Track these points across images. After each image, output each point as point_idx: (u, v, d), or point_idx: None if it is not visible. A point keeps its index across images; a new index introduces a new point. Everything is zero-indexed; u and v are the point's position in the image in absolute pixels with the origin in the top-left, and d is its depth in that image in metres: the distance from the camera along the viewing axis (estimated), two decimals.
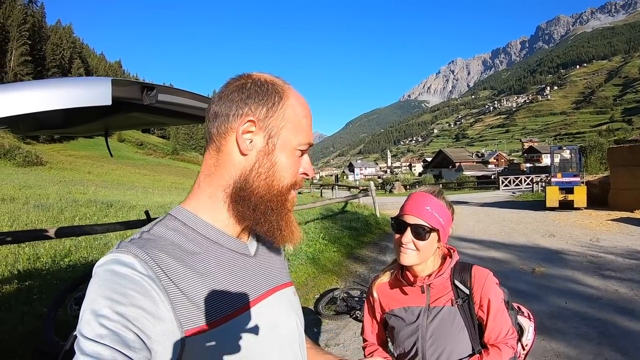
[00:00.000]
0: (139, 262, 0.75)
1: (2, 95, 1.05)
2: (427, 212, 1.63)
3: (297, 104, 0.95)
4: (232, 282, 0.88)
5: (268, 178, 0.91)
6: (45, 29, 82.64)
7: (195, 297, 0.80)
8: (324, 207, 15.29)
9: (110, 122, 1.93)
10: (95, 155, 55.65)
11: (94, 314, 0.69)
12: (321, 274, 7.94)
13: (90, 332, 0.67)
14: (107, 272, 0.73)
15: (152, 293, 0.74)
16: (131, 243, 0.79)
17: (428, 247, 1.65)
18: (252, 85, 0.91)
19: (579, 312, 5.45)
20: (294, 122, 0.93)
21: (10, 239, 4.45)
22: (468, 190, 45.08)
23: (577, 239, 10.73)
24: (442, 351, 1.65)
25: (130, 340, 0.68)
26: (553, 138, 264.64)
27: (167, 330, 0.74)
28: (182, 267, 0.81)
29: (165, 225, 0.88)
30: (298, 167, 0.96)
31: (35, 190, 16.64)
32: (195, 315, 0.78)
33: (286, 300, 1.03)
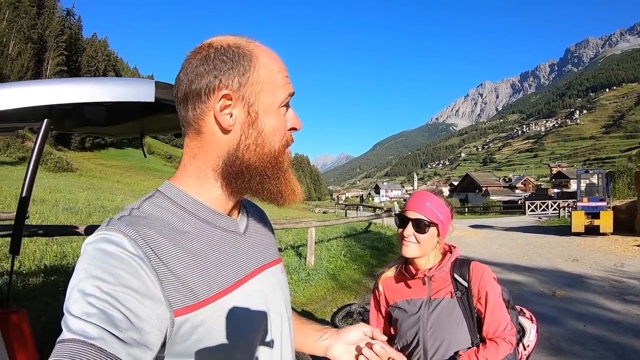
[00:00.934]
0: (128, 240, 0.74)
1: (60, 86, 1.20)
2: (427, 208, 1.77)
3: (268, 60, 0.90)
4: (222, 260, 0.87)
5: (258, 147, 0.87)
6: (82, 41, 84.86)
7: (185, 276, 0.78)
8: (347, 226, 15.37)
9: (147, 124, 2.07)
10: (125, 166, 56.73)
11: (81, 292, 0.68)
12: (340, 289, 8.01)
13: (77, 309, 0.67)
14: (96, 251, 0.73)
15: (141, 272, 0.72)
16: (120, 221, 0.78)
17: (428, 240, 1.77)
18: (216, 54, 0.86)
19: (598, 336, 5.40)
20: (270, 82, 0.88)
21: (42, 232, 4.66)
22: (494, 215, 44.44)
23: (601, 264, 10.57)
24: (442, 342, 1.74)
25: (117, 319, 0.67)
26: (582, 163, 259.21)
27: (156, 310, 0.73)
28: (172, 245, 0.80)
29: (155, 203, 0.86)
30: (285, 124, 0.92)
31: (64, 194, 17.06)
32: (185, 294, 0.77)
33: (274, 278, 1.02)
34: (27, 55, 58.76)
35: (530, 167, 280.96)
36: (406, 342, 1.82)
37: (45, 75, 63.98)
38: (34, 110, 1.26)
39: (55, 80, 1.20)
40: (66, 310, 0.68)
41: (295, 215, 29.88)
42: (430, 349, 1.75)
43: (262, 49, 0.91)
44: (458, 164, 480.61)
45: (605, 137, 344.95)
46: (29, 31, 64.00)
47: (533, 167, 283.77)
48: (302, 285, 7.74)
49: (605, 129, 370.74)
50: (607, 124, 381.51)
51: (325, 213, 45.97)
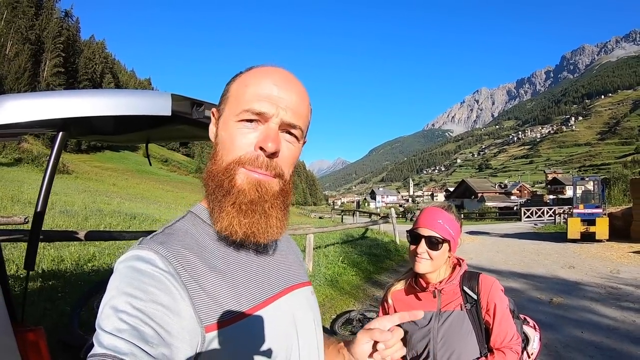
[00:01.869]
0: (159, 258, 0.76)
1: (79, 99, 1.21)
2: (440, 225, 1.78)
3: (248, 76, 0.89)
4: (250, 279, 0.88)
5: (216, 159, 0.88)
6: (79, 43, 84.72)
7: (214, 293, 0.80)
8: (344, 232, 15.36)
9: (154, 133, 2.08)
10: (121, 168, 56.60)
11: (113, 309, 0.69)
12: (339, 295, 8.01)
13: (109, 325, 0.68)
14: (128, 269, 0.74)
15: (172, 289, 0.74)
16: (152, 240, 0.81)
17: (440, 257, 1.80)
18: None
19: (595, 342, 5.43)
20: (235, 95, 0.88)
21: (42, 237, 4.63)
22: (489, 221, 44.47)
23: (597, 270, 10.60)
24: (452, 353, 1.76)
25: (148, 335, 0.68)
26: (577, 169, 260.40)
27: (186, 326, 0.74)
28: (202, 263, 0.81)
29: (187, 222, 0.89)
30: (248, 141, 0.85)
31: (61, 197, 16.96)
32: (214, 311, 0.78)
33: (304, 299, 1.02)
34: (24, 56, 58.69)
35: (526, 174, 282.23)
36: (416, 354, 1.84)
37: (42, 77, 63.90)
38: (50, 122, 1.27)
39: (72, 92, 1.22)
40: (98, 326, 0.69)
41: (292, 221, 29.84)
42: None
43: (254, 70, 0.90)
44: (454, 170, 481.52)
45: (600, 144, 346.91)
46: (27, 32, 63.89)
47: (529, 174, 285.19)
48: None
49: (601, 135, 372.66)
50: (602, 131, 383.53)
51: (322, 218, 45.93)
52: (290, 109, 0.87)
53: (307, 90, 0.94)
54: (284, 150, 0.88)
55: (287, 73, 0.91)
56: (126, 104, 1.26)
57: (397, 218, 17.67)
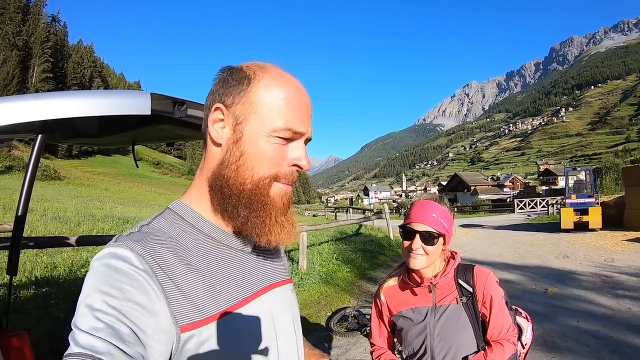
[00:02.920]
0: (135, 256, 0.74)
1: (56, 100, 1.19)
2: (434, 219, 1.73)
3: (273, 83, 0.87)
4: (228, 277, 0.87)
5: (239, 168, 0.86)
6: (67, 47, 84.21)
7: (191, 292, 0.79)
8: (338, 230, 15.38)
9: (140, 134, 2.06)
10: (112, 173, 56.44)
11: (89, 307, 0.69)
12: (334, 293, 8.00)
13: (85, 324, 0.67)
14: (104, 266, 0.73)
15: (148, 288, 0.73)
16: (129, 237, 0.79)
17: (435, 251, 1.75)
18: (229, 75, 0.89)
19: (591, 331, 5.43)
20: (267, 104, 0.86)
21: (33, 244, 4.61)
22: (483, 214, 44.59)
23: (591, 259, 10.65)
24: (450, 348, 1.73)
25: (125, 334, 0.68)
26: (569, 160, 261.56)
27: (162, 325, 0.73)
28: (179, 261, 0.80)
29: (165, 219, 0.88)
30: (280, 155, 0.88)
31: (53, 203, 16.91)
32: (191, 310, 0.78)
33: (283, 297, 1.01)
34: (12, 63, 58.21)
35: (518, 166, 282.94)
36: (413, 351, 1.81)
37: (31, 83, 63.50)
38: (29, 125, 1.25)
39: (50, 94, 1.20)
40: (74, 325, 0.69)
41: None
42: (437, 356, 1.75)
43: (273, 72, 0.89)
44: (446, 164, 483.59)
45: (591, 134, 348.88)
46: (14, 38, 63.45)
47: (521, 165, 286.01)
48: (295, 290, 7.67)
49: (591, 125, 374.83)
50: (593, 121, 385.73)
51: (315, 216, 45.92)
52: (311, 124, 0.93)
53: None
54: None
55: (302, 84, 0.93)
56: (104, 104, 1.25)
57: (391, 213, 17.69)
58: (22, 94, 26.14)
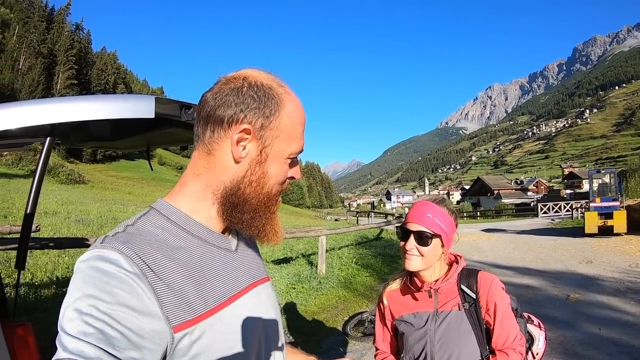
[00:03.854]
0: (124, 258, 0.74)
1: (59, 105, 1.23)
2: (428, 219, 1.70)
3: (294, 110, 0.93)
4: (216, 275, 0.89)
5: (259, 186, 0.91)
6: (91, 54, 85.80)
7: (182, 291, 0.79)
8: (358, 234, 15.37)
9: (152, 138, 2.10)
10: (136, 177, 57.06)
11: (77, 311, 0.68)
12: (352, 297, 7.99)
13: (73, 329, 0.66)
14: (91, 269, 0.72)
15: (138, 290, 0.73)
16: (115, 238, 0.79)
17: (432, 253, 1.72)
18: (249, 90, 0.88)
19: (613, 339, 5.32)
20: (288, 131, 0.92)
21: (53, 244, 4.72)
22: (506, 218, 44.18)
23: (616, 265, 10.44)
24: (450, 355, 1.69)
25: (115, 339, 0.67)
26: (594, 162, 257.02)
27: (155, 327, 0.73)
28: (167, 261, 0.80)
29: (149, 219, 0.87)
30: (287, 173, 0.96)
31: (76, 206, 17.15)
32: (182, 309, 0.78)
33: (265, 295, 1.04)
34: (37, 70, 59.59)
35: (542, 169, 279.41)
36: (413, 357, 1.78)
37: (56, 89, 64.83)
38: (36, 128, 1.30)
39: (55, 99, 1.24)
40: (61, 329, 0.68)
41: (306, 223, 29.84)
42: None
43: (290, 96, 0.94)
44: (469, 167, 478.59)
45: (616, 136, 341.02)
46: (39, 46, 64.84)
47: (545, 169, 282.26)
48: (313, 294, 7.72)
49: (616, 127, 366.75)
50: (617, 122, 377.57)
51: (337, 220, 45.92)
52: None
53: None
54: None
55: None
56: (108, 107, 1.28)
57: None
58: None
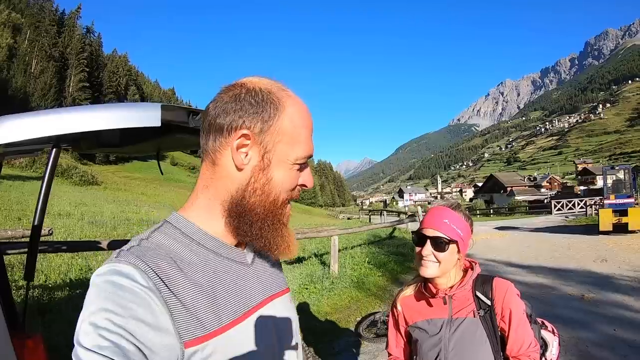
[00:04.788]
0: (138, 273, 0.75)
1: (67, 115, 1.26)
2: (445, 225, 1.69)
3: (295, 113, 0.91)
4: (230, 291, 0.88)
5: (263, 194, 0.89)
6: (102, 57, 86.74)
7: (194, 307, 0.80)
8: (371, 233, 15.33)
9: (162, 143, 2.12)
10: (149, 178, 57.44)
11: (93, 325, 0.69)
12: (365, 297, 7.98)
13: (89, 342, 0.67)
14: (107, 283, 0.73)
15: (152, 305, 0.74)
16: (130, 252, 0.79)
17: (448, 259, 1.71)
18: (247, 96, 0.87)
19: (628, 340, 5.25)
20: (291, 135, 0.89)
21: (66, 247, 4.76)
22: (519, 216, 43.75)
23: (631, 263, 10.31)
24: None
25: (130, 352, 0.68)
26: (608, 158, 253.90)
27: (166, 342, 0.74)
28: (181, 277, 0.81)
29: (164, 233, 0.88)
30: (296, 180, 0.93)
31: (90, 207, 17.28)
32: (194, 326, 0.78)
33: (283, 308, 1.03)
34: (49, 73, 60.40)
35: (555, 165, 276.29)
36: None
37: (68, 92, 65.57)
38: (42, 139, 1.33)
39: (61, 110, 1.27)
40: (77, 343, 0.69)
41: (319, 222, 29.82)
42: None
43: (292, 99, 0.92)
44: (482, 164, 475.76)
45: (630, 131, 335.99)
46: (51, 49, 65.67)
47: (558, 165, 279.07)
48: (325, 294, 7.71)
49: (630, 122, 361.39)
50: (631, 117, 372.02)
51: (350, 219, 45.84)
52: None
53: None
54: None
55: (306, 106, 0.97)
56: (112, 118, 1.31)
57: None
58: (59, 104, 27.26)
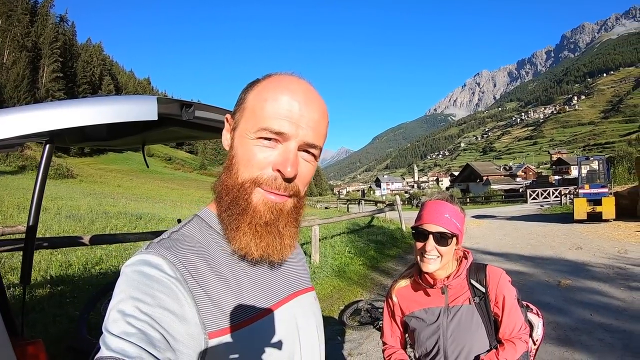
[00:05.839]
0: (166, 263, 0.76)
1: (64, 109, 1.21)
2: (447, 220, 1.72)
3: (265, 88, 0.86)
4: (254, 286, 0.88)
5: (230, 172, 0.87)
6: (76, 46, 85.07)
7: (219, 299, 0.81)
8: (350, 222, 15.42)
9: (149, 136, 2.09)
10: (125, 169, 56.68)
11: (121, 312, 0.70)
12: (347, 286, 8.02)
13: (116, 329, 0.68)
14: (136, 273, 0.75)
15: (179, 295, 0.75)
16: (159, 244, 0.81)
17: (449, 252, 1.75)
18: (246, 87, 0.92)
19: (604, 324, 5.40)
20: (251, 108, 0.86)
21: (47, 244, 4.68)
22: (495, 204, 44.28)
23: (605, 251, 10.55)
24: (463, 348, 1.75)
25: (156, 339, 0.69)
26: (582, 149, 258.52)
27: (191, 332, 0.75)
28: (208, 269, 0.82)
29: (194, 227, 0.89)
30: (263, 159, 0.84)
31: (66, 201, 16.93)
32: (219, 317, 0.79)
33: (307, 305, 1.03)
34: (22, 64, 58.96)
35: (530, 155, 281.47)
36: (426, 351, 1.83)
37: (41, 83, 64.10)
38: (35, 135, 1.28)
39: (57, 104, 1.21)
40: (105, 329, 0.70)
41: None
42: (451, 356, 1.76)
43: (273, 79, 0.88)
44: (458, 154, 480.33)
45: (604, 122, 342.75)
46: (23, 39, 64.11)
47: (533, 155, 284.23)
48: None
49: (604, 114, 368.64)
50: (605, 109, 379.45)
51: (327, 208, 45.88)
52: (311, 127, 0.86)
53: (326, 105, 0.93)
54: (302, 169, 0.88)
55: (308, 86, 0.89)
56: (111, 111, 1.26)
57: (403, 204, 17.68)
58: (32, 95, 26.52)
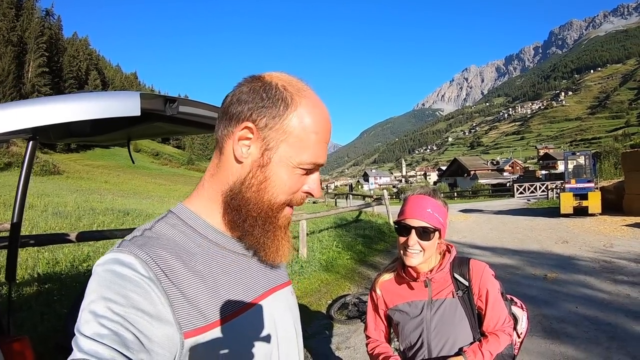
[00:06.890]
0: (139, 262, 0.74)
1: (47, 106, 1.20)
2: (429, 214, 1.72)
3: (308, 114, 0.86)
4: (231, 283, 0.88)
5: (259, 192, 0.87)
6: (62, 41, 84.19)
7: (195, 298, 0.79)
8: (338, 216, 15.42)
9: (134, 132, 2.07)
10: (112, 165, 56.21)
11: (93, 314, 0.69)
12: (334, 280, 8.03)
13: (89, 330, 0.67)
14: (108, 272, 0.73)
15: (152, 295, 0.73)
16: (132, 242, 0.79)
17: (431, 246, 1.75)
18: (261, 89, 0.86)
19: (589, 317, 5.46)
20: (298, 137, 0.86)
21: (33, 242, 4.62)
22: (483, 198, 44.48)
23: (591, 244, 10.63)
24: (446, 341, 1.76)
25: (129, 340, 0.68)
26: (568, 144, 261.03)
27: (166, 332, 0.74)
28: (182, 267, 0.80)
29: (167, 223, 0.87)
30: (299, 184, 0.90)
31: (53, 198, 16.73)
32: (194, 317, 0.78)
33: (283, 300, 1.02)
34: (7, 59, 58.20)
35: (518, 150, 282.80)
36: (410, 344, 1.84)
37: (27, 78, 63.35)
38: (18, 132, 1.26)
39: (39, 100, 1.19)
40: (77, 331, 0.69)
41: None
42: (434, 349, 1.77)
43: (309, 100, 0.88)
44: (446, 148, 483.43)
45: (591, 118, 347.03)
46: (9, 34, 63.24)
47: (520, 150, 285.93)
48: (295, 279, 7.72)
49: (591, 110, 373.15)
50: (592, 105, 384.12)
51: (315, 203, 45.85)
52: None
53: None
54: None
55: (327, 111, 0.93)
56: (94, 107, 1.24)
57: (391, 199, 17.71)
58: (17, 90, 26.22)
